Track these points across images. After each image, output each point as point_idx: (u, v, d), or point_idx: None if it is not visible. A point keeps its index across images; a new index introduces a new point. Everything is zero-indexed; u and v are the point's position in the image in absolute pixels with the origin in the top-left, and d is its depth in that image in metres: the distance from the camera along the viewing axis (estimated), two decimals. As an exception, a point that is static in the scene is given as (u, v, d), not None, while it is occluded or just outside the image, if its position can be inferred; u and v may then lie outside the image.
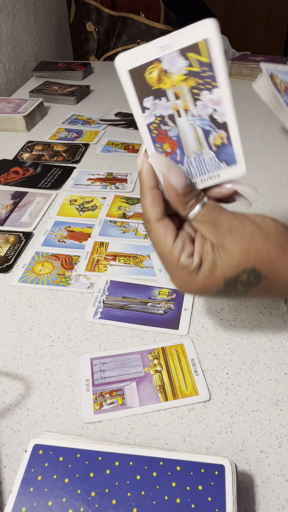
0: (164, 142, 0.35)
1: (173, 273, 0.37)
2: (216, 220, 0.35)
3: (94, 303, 0.52)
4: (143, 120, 0.34)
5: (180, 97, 0.33)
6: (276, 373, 0.43)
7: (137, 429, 0.39)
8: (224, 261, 0.35)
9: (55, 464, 0.32)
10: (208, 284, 0.36)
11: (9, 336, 0.48)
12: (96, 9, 1.52)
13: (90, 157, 0.87)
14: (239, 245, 0.34)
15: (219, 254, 0.35)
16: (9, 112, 0.97)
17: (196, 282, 0.36)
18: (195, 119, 0.34)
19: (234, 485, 0.31)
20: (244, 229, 0.35)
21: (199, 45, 0.31)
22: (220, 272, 0.35)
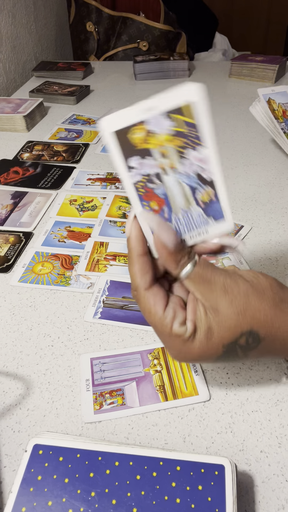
0: (151, 200, 0.35)
1: (167, 343, 0.35)
2: (209, 279, 0.33)
3: (94, 303, 0.52)
4: (129, 179, 0.34)
5: (167, 156, 0.33)
6: (276, 373, 0.43)
7: (137, 429, 0.39)
8: (220, 326, 0.33)
9: (55, 464, 0.32)
10: (206, 351, 0.34)
11: (9, 336, 0.48)
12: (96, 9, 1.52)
13: (90, 157, 0.87)
14: (234, 306, 0.33)
15: (213, 318, 0.33)
16: (9, 112, 0.97)
17: (192, 350, 0.34)
18: (182, 177, 0.34)
19: (234, 485, 0.31)
20: (239, 288, 0.33)
21: (183, 109, 0.31)
22: (217, 337, 0.33)
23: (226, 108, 1.08)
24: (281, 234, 0.62)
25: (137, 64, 1.29)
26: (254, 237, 0.62)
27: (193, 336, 0.33)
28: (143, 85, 1.27)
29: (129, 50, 1.53)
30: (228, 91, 1.21)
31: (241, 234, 0.62)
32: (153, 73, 1.30)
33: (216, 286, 0.33)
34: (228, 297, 0.33)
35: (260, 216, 0.66)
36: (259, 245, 0.60)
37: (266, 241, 0.61)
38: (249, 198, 0.71)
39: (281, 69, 1.24)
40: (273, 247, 0.60)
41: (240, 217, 0.66)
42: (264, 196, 0.72)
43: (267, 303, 0.33)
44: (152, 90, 1.24)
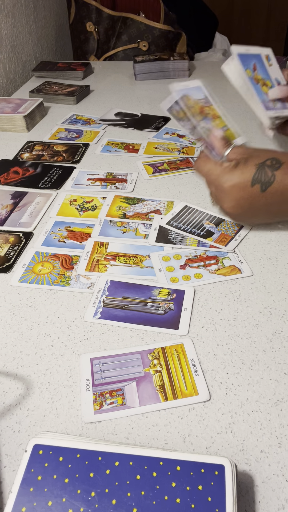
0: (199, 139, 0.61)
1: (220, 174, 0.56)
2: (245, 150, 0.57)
3: (94, 303, 0.52)
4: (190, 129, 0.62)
5: None
6: (276, 373, 0.43)
7: (137, 429, 0.39)
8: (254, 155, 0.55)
9: (55, 464, 0.32)
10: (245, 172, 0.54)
11: (9, 336, 0.48)
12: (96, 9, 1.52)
13: (90, 157, 0.87)
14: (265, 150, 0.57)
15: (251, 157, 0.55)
16: (9, 112, 0.97)
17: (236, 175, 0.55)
18: None
19: (234, 485, 0.31)
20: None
21: None
22: (251, 162, 0.54)
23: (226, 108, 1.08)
24: (281, 234, 0.62)
25: (137, 64, 1.29)
26: (254, 237, 0.62)
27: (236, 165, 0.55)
28: (143, 85, 1.27)
29: (129, 50, 1.53)
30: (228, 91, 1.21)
31: (241, 234, 0.62)
32: (153, 73, 1.30)
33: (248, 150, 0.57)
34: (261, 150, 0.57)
35: (260, 216, 0.66)
36: (259, 245, 0.60)
37: (266, 241, 0.61)
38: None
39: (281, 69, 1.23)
40: (273, 247, 0.60)
41: (240, 217, 0.66)
42: (264, 196, 0.72)
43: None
44: (152, 90, 1.25)
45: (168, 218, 0.66)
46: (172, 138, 0.93)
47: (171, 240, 0.62)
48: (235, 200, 0.55)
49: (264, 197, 0.54)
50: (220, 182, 0.55)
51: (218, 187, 0.56)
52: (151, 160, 0.84)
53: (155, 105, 1.11)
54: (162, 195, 0.73)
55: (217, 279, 0.55)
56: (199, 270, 0.56)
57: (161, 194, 0.73)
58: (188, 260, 0.58)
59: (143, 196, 0.73)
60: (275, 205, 0.55)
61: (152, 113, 1.06)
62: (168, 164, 0.82)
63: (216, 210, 0.67)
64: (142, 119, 1.03)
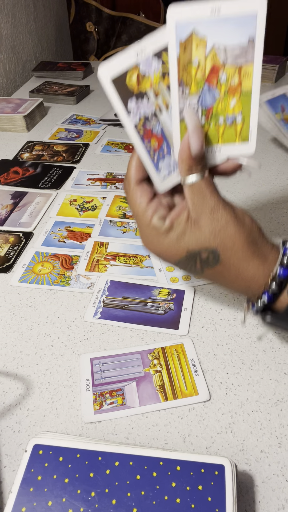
0: (151, 139, 0.37)
1: (144, 232, 0.40)
2: (205, 195, 0.37)
3: (94, 303, 0.52)
4: (129, 122, 0.36)
5: (160, 95, 0.35)
6: (276, 373, 0.43)
7: (137, 429, 0.39)
8: (192, 235, 0.38)
9: (55, 464, 0.32)
10: (172, 250, 0.39)
11: (9, 336, 0.48)
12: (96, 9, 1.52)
13: (90, 157, 0.87)
14: (212, 226, 0.37)
15: (191, 228, 0.38)
16: (9, 112, 0.97)
17: (161, 244, 0.39)
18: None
19: (234, 485, 0.31)
20: (224, 214, 0.37)
21: None
22: (185, 242, 0.38)
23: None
24: (281, 234, 0.62)
25: (137, 64, 1.29)
26: (254, 237, 0.62)
27: (167, 233, 0.39)
28: (143, 85, 1.27)
29: (129, 50, 1.53)
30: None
31: (241, 234, 0.62)
32: (153, 73, 1.30)
33: (207, 203, 0.37)
34: (211, 217, 0.37)
35: (260, 216, 0.66)
36: (259, 245, 0.60)
37: (266, 241, 0.61)
38: (249, 198, 0.71)
39: (281, 69, 1.24)
40: (273, 247, 0.60)
41: (240, 217, 0.66)
42: (264, 196, 0.72)
43: (240, 235, 0.37)
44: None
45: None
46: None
47: (171, 240, 0.62)
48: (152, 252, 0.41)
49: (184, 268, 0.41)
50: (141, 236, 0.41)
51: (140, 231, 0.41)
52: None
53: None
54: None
55: (217, 279, 0.55)
56: (199, 270, 0.56)
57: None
58: (188, 260, 0.58)
59: (143, 196, 0.73)
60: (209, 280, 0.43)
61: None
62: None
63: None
64: (142, 119, 1.03)
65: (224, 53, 0.33)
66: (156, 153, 0.38)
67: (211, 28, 0.32)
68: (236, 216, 0.38)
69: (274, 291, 0.38)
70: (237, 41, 0.33)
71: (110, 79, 0.33)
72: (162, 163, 0.38)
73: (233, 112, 0.36)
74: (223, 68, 0.34)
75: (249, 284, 0.39)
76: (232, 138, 0.37)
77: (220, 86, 0.35)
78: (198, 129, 0.36)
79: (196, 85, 0.35)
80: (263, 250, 0.38)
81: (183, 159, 0.37)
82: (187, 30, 0.32)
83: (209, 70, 0.34)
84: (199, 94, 0.35)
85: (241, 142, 0.38)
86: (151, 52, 0.33)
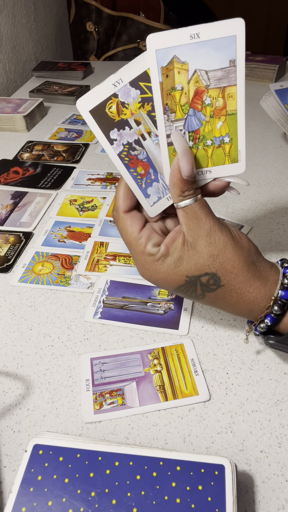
0: (137, 166, 0.37)
1: (139, 260, 0.38)
2: (200, 218, 0.37)
3: (94, 303, 0.52)
4: (113, 151, 0.37)
5: (141, 122, 0.36)
6: (276, 373, 0.43)
7: (137, 429, 0.39)
8: (190, 259, 0.37)
9: (55, 464, 0.32)
10: (170, 277, 0.38)
11: (9, 336, 0.48)
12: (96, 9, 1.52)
13: (90, 157, 0.87)
14: (210, 249, 0.36)
15: (188, 252, 0.37)
16: (9, 112, 0.97)
17: (159, 271, 0.38)
18: None
19: (234, 485, 0.31)
20: (221, 236, 0.37)
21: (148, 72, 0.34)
22: (184, 268, 0.37)
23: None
24: (281, 234, 0.62)
25: (137, 64, 1.29)
26: (254, 237, 0.62)
27: (164, 258, 0.37)
28: (143, 85, 1.27)
29: (129, 50, 1.53)
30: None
31: (241, 234, 0.62)
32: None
33: (203, 226, 0.37)
34: (208, 240, 0.36)
35: (260, 216, 0.66)
36: (259, 245, 0.60)
37: (266, 241, 0.61)
38: (249, 198, 0.71)
39: (281, 69, 1.24)
40: (273, 247, 0.60)
41: (240, 217, 0.66)
42: (264, 196, 0.72)
43: (239, 258, 0.37)
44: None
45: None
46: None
47: (171, 240, 0.62)
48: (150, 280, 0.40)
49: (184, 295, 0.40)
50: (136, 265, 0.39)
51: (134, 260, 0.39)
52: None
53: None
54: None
55: (217, 279, 0.55)
56: (199, 270, 0.56)
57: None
58: (188, 260, 0.58)
59: (143, 196, 0.73)
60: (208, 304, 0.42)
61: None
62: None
63: (217, 210, 0.67)
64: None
65: (207, 76, 0.34)
66: (143, 180, 0.38)
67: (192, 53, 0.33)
68: (234, 238, 0.37)
69: (276, 313, 0.37)
70: (218, 64, 0.33)
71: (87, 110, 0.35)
72: (150, 188, 0.38)
73: (220, 133, 0.36)
74: (207, 91, 0.34)
75: (251, 307, 0.38)
76: (222, 159, 0.37)
77: (205, 109, 0.35)
78: (187, 152, 0.35)
79: (181, 110, 0.35)
80: (262, 272, 0.38)
81: (175, 183, 0.36)
82: (168, 56, 0.33)
83: (192, 94, 0.34)
84: (185, 118, 0.35)
85: (230, 162, 0.38)
86: (128, 81, 0.34)
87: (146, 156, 0.37)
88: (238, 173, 0.38)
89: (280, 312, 0.37)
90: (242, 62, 0.33)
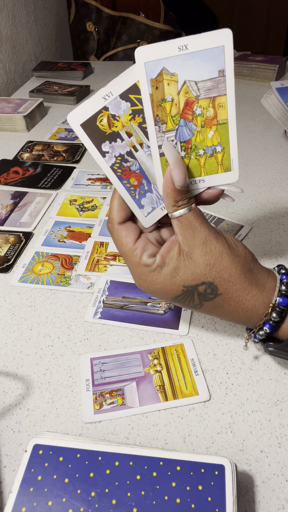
0: (130, 177, 0.37)
1: (135, 272, 0.38)
2: (195, 227, 0.37)
3: (94, 303, 0.52)
4: (105, 164, 0.37)
5: (133, 134, 0.36)
6: (276, 373, 0.43)
7: (137, 429, 0.39)
8: (187, 269, 0.37)
9: (55, 464, 0.32)
10: (167, 287, 0.37)
11: (9, 336, 0.48)
12: (96, 9, 1.52)
13: (90, 157, 0.86)
14: (207, 258, 0.36)
15: (184, 261, 0.37)
16: (9, 112, 0.97)
17: (156, 282, 0.37)
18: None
19: (234, 485, 0.31)
20: (217, 245, 0.37)
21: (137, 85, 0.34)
22: (181, 277, 0.37)
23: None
24: (281, 234, 0.62)
25: (137, 64, 1.29)
26: (254, 237, 0.62)
27: (160, 269, 0.37)
28: (143, 85, 1.27)
29: (129, 50, 1.53)
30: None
31: (241, 234, 0.62)
32: (153, 73, 1.30)
33: (198, 235, 0.36)
34: (204, 249, 0.36)
35: (260, 216, 0.66)
36: (259, 245, 0.60)
37: (266, 241, 0.61)
38: (249, 198, 0.71)
39: (281, 69, 1.24)
40: (273, 247, 0.60)
41: (240, 217, 0.66)
42: (264, 196, 0.72)
43: (235, 266, 0.37)
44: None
45: (168, 218, 0.66)
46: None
47: (171, 240, 0.62)
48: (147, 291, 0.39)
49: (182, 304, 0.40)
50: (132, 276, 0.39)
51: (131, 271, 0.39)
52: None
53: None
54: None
55: (217, 279, 0.55)
56: (199, 270, 0.56)
57: (161, 194, 0.73)
58: (188, 260, 0.58)
59: (143, 196, 0.73)
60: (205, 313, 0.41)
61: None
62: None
63: (216, 210, 0.67)
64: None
65: (196, 87, 0.34)
66: (137, 191, 0.38)
67: (181, 65, 0.33)
68: (230, 246, 0.37)
69: (275, 320, 0.37)
70: (207, 75, 0.34)
71: (79, 124, 0.35)
72: (144, 199, 0.38)
73: (212, 143, 0.36)
74: (197, 102, 0.35)
75: (249, 315, 0.38)
76: (214, 168, 0.38)
77: (196, 119, 0.35)
78: (179, 162, 0.35)
79: (172, 120, 0.35)
80: (259, 279, 0.38)
81: (168, 194, 0.36)
82: (157, 68, 0.33)
83: (183, 105, 0.35)
84: (176, 129, 0.36)
85: (224, 171, 0.38)
86: (118, 93, 0.35)
87: (139, 167, 0.37)
88: (232, 181, 0.38)
89: (279, 319, 0.37)
90: (231, 72, 0.34)
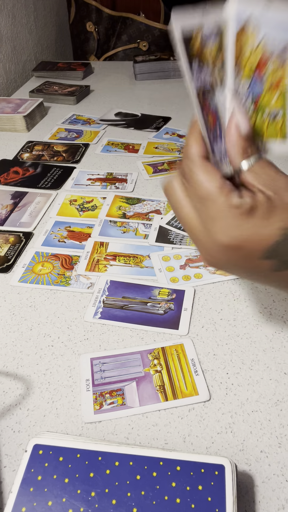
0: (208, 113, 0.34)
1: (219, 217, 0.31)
2: (272, 174, 0.32)
3: (94, 303, 0.52)
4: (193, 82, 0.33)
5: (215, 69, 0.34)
6: (276, 373, 0.43)
7: (137, 429, 0.39)
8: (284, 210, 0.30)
9: (55, 464, 0.32)
10: (261, 232, 0.30)
11: (9, 336, 0.48)
12: (96, 9, 1.52)
13: (90, 157, 0.87)
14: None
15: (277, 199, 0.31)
16: (9, 112, 0.97)
17: (245, 227, 0.30)
18: None
19: (234, 485, 0.31)
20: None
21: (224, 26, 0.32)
22: (277, 217, 0.30)
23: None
24: (281, 234, 0.62)
25: (137, 64, 1.29)
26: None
27: (253, 211, 0.30)
28: (143, 85, 1.27)
29: (129, 50, 1.53)
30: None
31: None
32: (153, 73, 1.30)
33: (279, 179, 0.32)
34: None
35: None
36: (259, 245, 0.60)
37: None
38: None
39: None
40: (273, 247, 0.60)
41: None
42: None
43: None
44: (152, 90, 1.25)
45: (168, 218, 0.66)
46: (172, 138, 0.93)
47: (171, 240, 0.62)
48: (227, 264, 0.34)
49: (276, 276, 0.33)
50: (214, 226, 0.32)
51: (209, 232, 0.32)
52: (151, 160, 0.84)
53: (155, 105, 1.11)
54: (162, 195, 0.73)
55: (217, 279, 0.55)
56: (199, 270, 0.56)
57: (161, 194, 0.73)
58: (188, 260, 0.58)
59: (143, 196, 0.73)
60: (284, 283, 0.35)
61: (152, 113, 1.06)
62: (168, 164, 0.82)
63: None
64: (142, 119, 1.03)
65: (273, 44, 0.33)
66: (212, 133, 0.34)
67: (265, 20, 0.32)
68: None
69: None
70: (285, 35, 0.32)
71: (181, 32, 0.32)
72: (215, 146, 0.34)
73: (276, 107, 0.34)
74: (271, 59, 0.33)
75: None
76: (274, 133, 0.35)
77: (266, 77, 0.34)
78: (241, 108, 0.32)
79: (248, 70, 0.33)
80: None
81: (235, 142, 0.32)
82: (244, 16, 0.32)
83: (258, 59, 0.33)
84: (250, 81, 0.34)
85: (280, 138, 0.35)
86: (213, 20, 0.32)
87: (215, 107, 0.34)
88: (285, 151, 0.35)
89: None
90: None
